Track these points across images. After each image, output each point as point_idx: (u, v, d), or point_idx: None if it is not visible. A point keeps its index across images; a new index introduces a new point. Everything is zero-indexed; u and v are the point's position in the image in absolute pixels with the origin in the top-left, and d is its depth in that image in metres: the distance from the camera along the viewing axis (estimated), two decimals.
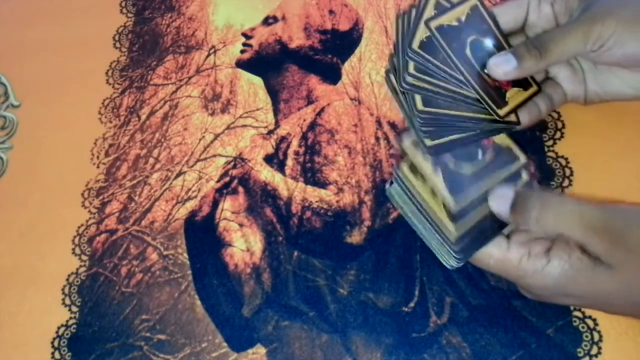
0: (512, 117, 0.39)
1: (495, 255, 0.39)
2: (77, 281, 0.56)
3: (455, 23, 0.39)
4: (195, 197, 0.58)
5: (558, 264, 0.37)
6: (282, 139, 0.60)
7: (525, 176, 0.39)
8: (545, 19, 0.42)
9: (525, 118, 0.40)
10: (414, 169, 0.39)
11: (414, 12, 0.39)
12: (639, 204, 0.52)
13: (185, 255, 0.56)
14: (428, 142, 0.37)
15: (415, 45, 0.37)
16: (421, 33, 0.38)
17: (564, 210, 0.36)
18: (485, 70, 0.39)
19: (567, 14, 0.42)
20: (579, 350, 0.48)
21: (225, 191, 0.58)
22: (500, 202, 0.37)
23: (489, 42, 0.40)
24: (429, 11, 0.38)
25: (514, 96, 0.40)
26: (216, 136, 0.62)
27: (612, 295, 0.37)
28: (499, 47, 0.40)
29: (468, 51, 0.38)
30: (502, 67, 0.39)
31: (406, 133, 0.40)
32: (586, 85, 0.44)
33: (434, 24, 0.38)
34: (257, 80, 0.64)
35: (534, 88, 0.41)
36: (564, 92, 0.44)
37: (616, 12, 0.39)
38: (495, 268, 0.39)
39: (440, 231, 0.39)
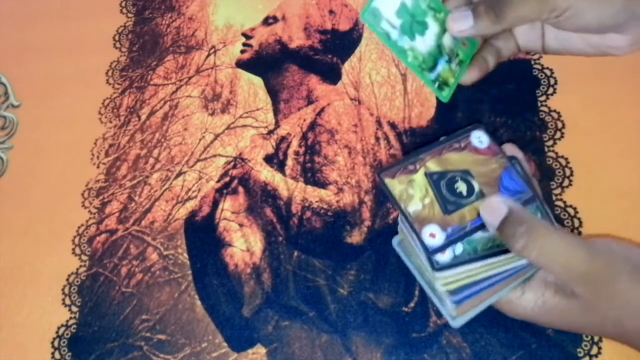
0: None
1: None
2: (77, 281, 0.56)
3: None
4: (195, 197, 0.58)
5: (532, 298, 0.37)
6: (282, 139, 0.60)
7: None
8: None
9: (475, 74, 0.40)
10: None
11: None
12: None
13: (185, 255, 0.56)
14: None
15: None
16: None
17: (550, 247, 0.35)
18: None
19: None
20: (579, 350, 0.48)
21: (225, 191, 0.58)
22: (491, 214, 0.37)
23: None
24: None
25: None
26: (216, 136, 0.62)
27: (585, 326, 0.37)
28: None
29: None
30: (459, 24, 0.39)
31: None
32: (544, 41, 0.43)
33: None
34: (257, 80, 0.64)
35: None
36: (516, 44, 0.43)
37: None
38: None
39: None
